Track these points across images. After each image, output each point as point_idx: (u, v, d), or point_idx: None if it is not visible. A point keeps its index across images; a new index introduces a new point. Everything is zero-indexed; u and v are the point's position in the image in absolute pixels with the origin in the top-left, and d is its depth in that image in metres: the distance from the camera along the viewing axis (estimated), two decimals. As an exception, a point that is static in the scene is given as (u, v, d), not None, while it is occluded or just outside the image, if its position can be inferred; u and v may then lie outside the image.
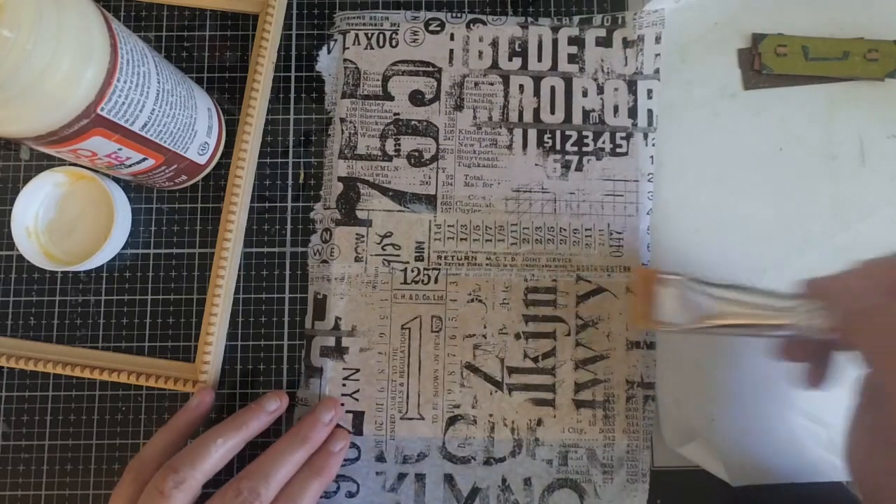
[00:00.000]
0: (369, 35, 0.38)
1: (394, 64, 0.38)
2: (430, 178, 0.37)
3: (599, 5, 0.40)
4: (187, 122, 0.33)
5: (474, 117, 0.38)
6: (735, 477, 0.34)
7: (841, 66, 0.38)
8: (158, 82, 0.30)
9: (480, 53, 0.38)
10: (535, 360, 0.36)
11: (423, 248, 0.37)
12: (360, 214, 0.37)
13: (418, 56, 0.38)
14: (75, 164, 0.33)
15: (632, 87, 0.38)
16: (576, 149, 0.38)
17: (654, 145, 0.38)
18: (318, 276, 0.37)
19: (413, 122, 0.38)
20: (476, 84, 0.38)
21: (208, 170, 0.38)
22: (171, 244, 0.38)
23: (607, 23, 0.39)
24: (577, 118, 0.38)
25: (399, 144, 0.37)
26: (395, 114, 0.38)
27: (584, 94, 0.38)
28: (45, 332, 0.37)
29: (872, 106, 0.39)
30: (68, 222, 0.37)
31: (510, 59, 0.38)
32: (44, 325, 0.37)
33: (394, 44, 0.38)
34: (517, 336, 0.36)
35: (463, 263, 0.37)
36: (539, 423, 0.36)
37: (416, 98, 0.38)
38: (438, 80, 0.38)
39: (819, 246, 0.37)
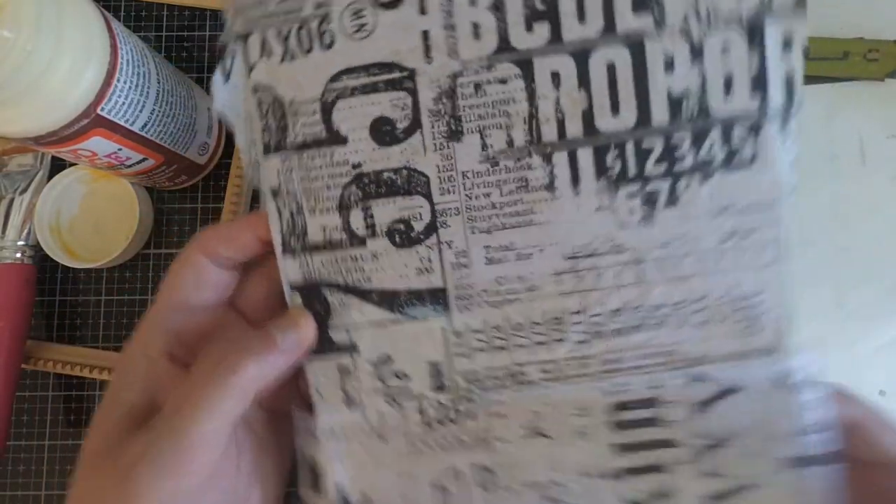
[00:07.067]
0: (283, 33, 0.22)
1: (334, 78, 0.22)
2: (430, 261, 0.23)
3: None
4: (187, 122, 0.33)
5: (483, 146, 0.22)
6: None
7: (841, 66, 0.38)
8: (158, 82, 0.30)
9: (476, 28, 0.22)
10: None
11: (440, 372, 0.24)
12: (338, 337, 0.24)
13: (371, 56, 0.22)
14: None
15: (754, 35, 0.21)
16: (663, 168, 0.22)
17: (795, 141, 0.22)
18: (302, 430, 0.25)
19: (385, 175, 0.23)
20: (477, 86, 0.22)
21: (208, 170, 0.38)
22: (170, 244, 0.38)
23: None
24: (660, 113, 0.22)
25: (371, 215, 0.23)
26: (354, 165, 0.23)
27: (669, 65, 0.22)
28: (46, 331, 0.37)
29: (872, 106, 0.39)
30: (91, 219, 0.36)
31: (529, 29, 0.22)
32: (44, 325, 0.37)
33: (326, 42, 0.22)
34: (608, 475, 0.24)
35: (506, 384, 0.24)
36: None
37: (383, 131, 0.23)
38: (413, 92, 0.22)
39: (819, 246, 0.37)
